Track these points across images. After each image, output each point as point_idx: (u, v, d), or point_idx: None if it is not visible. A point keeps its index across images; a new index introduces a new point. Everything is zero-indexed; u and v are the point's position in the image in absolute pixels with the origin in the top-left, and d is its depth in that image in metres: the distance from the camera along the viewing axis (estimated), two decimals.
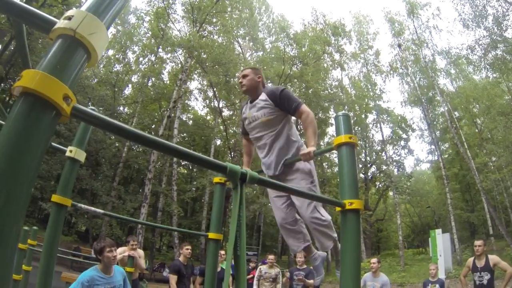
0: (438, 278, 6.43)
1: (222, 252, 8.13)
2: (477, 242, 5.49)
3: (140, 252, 6.46)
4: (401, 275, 17.98)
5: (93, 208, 3.28)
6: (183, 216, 27.22)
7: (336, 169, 31.17)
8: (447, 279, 14.64)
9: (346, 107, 26.70)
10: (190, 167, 28.96)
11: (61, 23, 0.92)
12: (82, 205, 2.91)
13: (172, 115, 20.12)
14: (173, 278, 5.86)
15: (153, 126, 25.23)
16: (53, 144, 3.09)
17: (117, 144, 23.44)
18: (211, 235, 3.03)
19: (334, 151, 2.30)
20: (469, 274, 5.75)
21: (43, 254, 2.43)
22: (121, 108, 25.28)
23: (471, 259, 5.64)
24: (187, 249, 6.03)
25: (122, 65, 24.12)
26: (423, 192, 32.61)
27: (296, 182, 2.84)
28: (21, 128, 0.83)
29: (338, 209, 2.10)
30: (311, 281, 6.35)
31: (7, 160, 0.81)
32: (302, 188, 2.61)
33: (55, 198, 2.43)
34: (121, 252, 5.92)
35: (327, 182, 27.40)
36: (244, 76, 2.98)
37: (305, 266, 6.64)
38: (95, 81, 20.51)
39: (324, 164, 29.18)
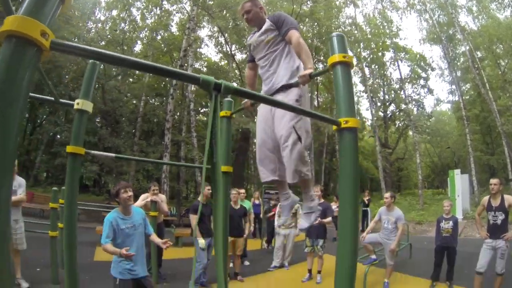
0: (452, 215, 6.44)
1: (243, 190, 8.38)
2: (493, 181, 5.36)
3: (162, 196, 6.69)
4: (420, 214, 18.24)
5: (105, 153, 3.54)
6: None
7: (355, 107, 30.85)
8: (464, 219, 14.75)
9: (361, 44, 25.84)
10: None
11: None
12: (95, 152, 3.18)
13: (185, 64, 19.89)
14: (193, 218, 6.17)
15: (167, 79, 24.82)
16: (62, 100, 3.34)
17: (134, 102, 23.75)
18: (222, 168, 3.10)
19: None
20: (485, 214, 5.65)
21: (66, 200, 2.75)
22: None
23: (486, 198, 5.56)
24: (209, 189, 6.16)
25: (127, 22, 23.59)
26: (443, 133, 31.95)
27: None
28: (8, 66, 1.01)
29: (334, 128, 2.10)
30: (328, 219, 6.70)
31: None
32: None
33: (69, 148, 2.70)
34: (144, 198, 6.34)
35: None
36: (248, 12, 3.06)
37: (322, 200, 6.80)
38: (102, 43, 20.23)
39: None
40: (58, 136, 22.97)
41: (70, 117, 22.83)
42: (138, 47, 25.74)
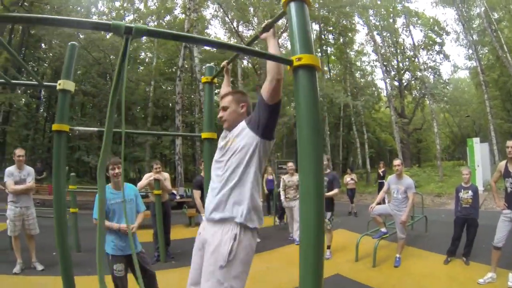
0: (471, 184, 5.92)
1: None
2: (510, 143, 4.67)
3: (165, 174, 6.74)
4: (439, 186, 17.75)
5: (88, 128, 3.64)
6: None
7: (369, 77, 30.04)
8: (484, 191, 14.17)
9: (371, 11, 25.07)
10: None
11: None
12: (79, 128, 3.25)
13: (191, 46, 19.60)
14: (197, 193, 6.19)
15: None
16: (45, 83, 3.60)
17: (147, 89, 23.73)
18: (204, 134, 3.21)
19: None
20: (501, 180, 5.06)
21: (54, 178, 2.88)
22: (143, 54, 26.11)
23: (503, 163, 4.93)
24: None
25: (132, 12, 23.45)
26: (462, 101, 30.83)
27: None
28: None
29: (288, 68, 1.89)
30: (334, 191, 6.34)
31: None
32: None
33: (55, 126, 2.84)
34: (147, 177, 6.47)
35: (359, 90, 26.93)
36: (224, 109, 2.35)
37: (328, 171, 6.54)
38: (109, 35, 20.16)
39: (356, 73, 28.35)
40: (77, 133, 23.13)
41: (86, 112, 23.25)
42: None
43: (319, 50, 25.93)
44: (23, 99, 22.98)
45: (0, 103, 19.21)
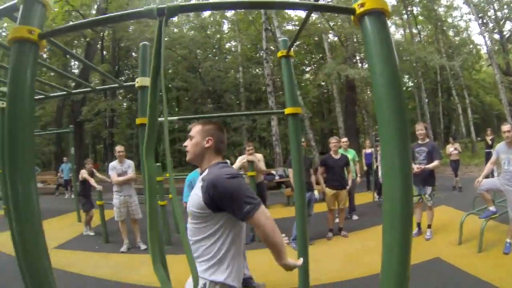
0: None
1: (345, 139, 7.97)
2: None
3: (258, 155, 6.82)
4: None
5: (172, 118, 4.23)
6: (321, 119, 27.88)
7: (464, 34, 27.05)
8: None
9: None
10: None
11: None
12: (159, 119, 3.27)
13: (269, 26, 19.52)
14: (290, 172, 6.05)
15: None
16: (124, 83, 3.94)
17: (238, 76, 24.07)
18: (288, 110, 3.07)
19: None
20: None
21: (143, 168, 2.88)
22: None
23: None
24: (302, 141, 6.01)
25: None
26: None
27: None
28: (16, 56, 1.47)
29: (353, 19, 1.54)
30: (435, 163, 5.66)
31: None
32: None
33: (138, 120, 3.05)
34: (241, 159, 6.58)
35: (455, 50, 24.34)
36: (190, 138, 2.12)
37: (427, 140, 5.94)
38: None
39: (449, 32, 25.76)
40: (176, 126, 25.02)
41: (181, 106, 24.84)
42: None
43: (403, 11, 23.90)
44: (124, 104, 25.94)
45: (103, 110, 21.62)
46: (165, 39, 1.33)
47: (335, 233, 6.43)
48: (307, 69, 29.51)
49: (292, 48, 3.10)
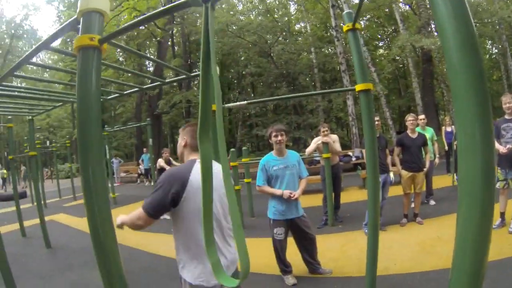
0: None
1: (422, 116, 7.41)
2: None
3: (334, 137, 6.60)
4: None
5: (237, 103, 3.95)
6: (398, 96, 26.85)
7: None
8: None
9: None
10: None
11: None
12: (229, 104, 3.73)
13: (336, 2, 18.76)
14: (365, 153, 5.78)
15: None
16: (192, 74, 3.87)
17: (311, 57, 23.73)
18: (358, 86, 2.83)
19: None
20: None
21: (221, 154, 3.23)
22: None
23: None
24: (377, 120, 5.74)
25: None
26: None
27: None
28: (82, 62, 1.63)
29: None
30: None
31: None
32: None
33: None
34: (316, 141, 6.51)
35: None
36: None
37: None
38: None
39: None
40: (253, 111, 25.83)
41: (257, 91, 25.41)
42: None
43: None
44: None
45: (179, 102, 22.86)
46: (215, 25, 1.28)
47: (409, 219, 5.99)
48: (380, 44, 28.24)
49: (358, 20, 2.87)
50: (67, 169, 21.29)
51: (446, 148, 9.98)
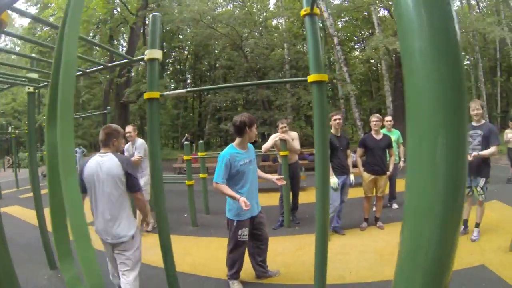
0: None
1: (388, 118, 7.25)
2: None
3: (293, 134, 6.24)
4: None
5: (176, 91, 3.62)
6: (370, 98, 26.96)
7: None
8: None
9: None
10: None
11: None
12: (168, 92, 3.30)
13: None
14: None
15: None
16: (134, 58, 3.82)
17: (283, 52, 23.62)
18: (311, 77, 2.54)
19: None
20: None
21: (149, 143, 3.06)
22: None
23: None
24: (335, 119, 5.41)
25: None
26: None
27: None
28: None
29: None
30: (492, 149, 4.67)
31: None
32: None
33: (146, 95, 2.98)
34: (273, 137, 6.16)
35: None
36: None
37: (483, 122, 4.94)
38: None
39: None
40: (224, 104, 25.63)
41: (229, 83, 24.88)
42: None
43: None
44: (172, 85, 27.04)
45: (145, 91, 21.72)
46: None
47: (370, 223, 5.77)
48: (356, 46, 28.49)
49: (318, 5, 2.57)
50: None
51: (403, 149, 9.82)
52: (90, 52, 22.55)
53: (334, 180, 5.15)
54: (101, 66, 3.84)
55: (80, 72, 3.92)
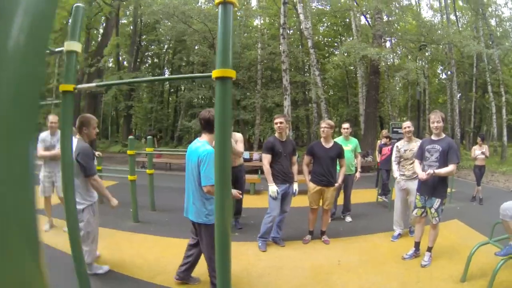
0: None
1: (346, 125, 6.84)
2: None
3: (237, 135, 5.76)
4: None
5: (87, 85, 3.24)
6: (346, 104, 27.07)
7: (507, 24, 24.98)
8: None
9: None
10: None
11: None
12: (83, 85, 3.01)
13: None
14: (265, 158, 4.96)
15: None
16: (53, 49, 3.36)
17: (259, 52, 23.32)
18: (216, 72, 2.05)
19: None
20: None
21: (61, 139, 2.77)
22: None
23: None
24: (276, 123, 5.04)
25: None
26: None
27: None
28: None
29: None
30: (449, 168, 4.25)
31: None
32: None
33: (62, 87, 2.73)
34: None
35: (495, 40, 22.17)
36: None
37: (443, 136, 4.50)
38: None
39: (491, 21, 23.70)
40: (196, 100, 25.68)
41: (200, 82, 24.35)
42: None
43: None
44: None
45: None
46: None
47: (315, 236, 5.43)
48: (336, 52, 28.34)
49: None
50: None
51: (378, 161, 9.48)
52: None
53: (272, 189, 4.80)
54: None
55: None
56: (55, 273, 3.45)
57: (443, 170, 4.22)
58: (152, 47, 29.44)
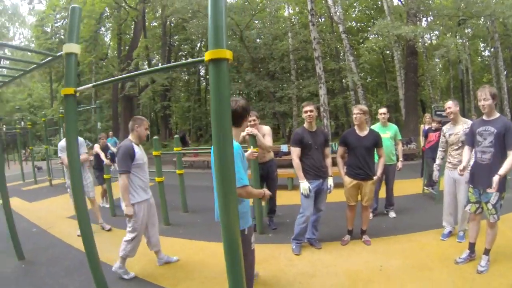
0: None
1: (382, 110, 6.22)
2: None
3: (265, 129, 5.39)
4: None
5: (85, 86, 3.07)
6: (385, 90, 26.04)
7: None
8: None
9: None
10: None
11: None
12: (82, 87, 2.93)
13: None
14: (294, 152, 4.51)
15: None
16: (53, 54, 3.53)
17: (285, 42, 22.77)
18: (208, 54, 1.85)
19: None
20: None
21: (67, 139, 2.91)
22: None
23: None
24: (306, 111, 4.53)
25: None
26: None
27: None
28: None
29: None
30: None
31: None
32: None
33: (63, 91, 2.80)
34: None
35: None
36: None
37: (497, 115, 3.70)
38: None
39: None
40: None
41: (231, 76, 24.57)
42: None
43: None
44: (185, 77, 27.87)
45: (144, 85, 22.59)
46: None
47: (355, 236, 4.88)
48: (370, 37, 27.31)
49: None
50: (43, 150, 20.16)
51: (423, 148, 8.73)
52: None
53: (304, 186, 4.32)
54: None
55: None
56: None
57: (507, 166, 3.40)
58: (185, 46, 29.59)
